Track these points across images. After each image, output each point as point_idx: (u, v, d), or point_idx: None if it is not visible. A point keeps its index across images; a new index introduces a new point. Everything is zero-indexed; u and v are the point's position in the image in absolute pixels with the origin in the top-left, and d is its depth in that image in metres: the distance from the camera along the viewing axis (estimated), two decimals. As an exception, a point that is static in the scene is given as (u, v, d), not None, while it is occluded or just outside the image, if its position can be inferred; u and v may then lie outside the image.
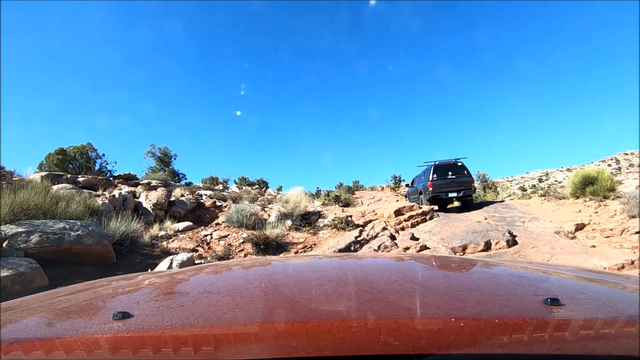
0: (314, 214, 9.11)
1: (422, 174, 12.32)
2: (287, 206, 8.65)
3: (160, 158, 17.47)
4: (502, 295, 0.70)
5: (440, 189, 10.81)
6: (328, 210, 11.14)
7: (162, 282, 0.99)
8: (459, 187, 10.81)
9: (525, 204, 11.11)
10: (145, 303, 0.75)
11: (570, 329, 0.50)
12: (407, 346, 0.48)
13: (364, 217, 10.76)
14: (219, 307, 0.64)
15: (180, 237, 7.20)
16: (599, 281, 0.91)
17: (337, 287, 0.80)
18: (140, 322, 0.56)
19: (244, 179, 27.85)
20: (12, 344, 0.51)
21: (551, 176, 71.85)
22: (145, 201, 8.22)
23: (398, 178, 29.55)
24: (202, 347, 0.49)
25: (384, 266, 1.15)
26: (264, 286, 0.85)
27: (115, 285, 0.99)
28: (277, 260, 1.39)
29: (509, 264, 1.14)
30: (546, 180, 67.59)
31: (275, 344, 0.50)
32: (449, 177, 10.86)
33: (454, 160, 11.35)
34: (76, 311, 0.72)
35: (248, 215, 8.36)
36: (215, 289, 0.84)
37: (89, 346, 0.50)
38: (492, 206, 12.60)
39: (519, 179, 74.13)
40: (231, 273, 1.11)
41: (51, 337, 0.53)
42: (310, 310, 0.62)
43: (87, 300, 0.82)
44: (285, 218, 8.57)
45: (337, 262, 1.22)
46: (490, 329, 0.51)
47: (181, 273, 1.11)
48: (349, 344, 0.49)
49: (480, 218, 10.22)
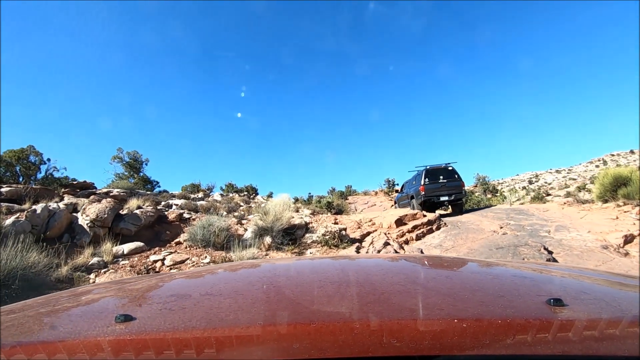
0: (300, 228, 7.47)
1: (413, 179, 12.36)
2: (266, 219, 6.98)
3: (130, 164, 15.54)
4: (504, 295, 0.70)
5: (433, 193, 10.86)
6: (318, 220, 9.53)
7: (164, 285, 1.00)
8: (450, 191, 10.88)
9: (542, 209, 9.73)
10: (148, 305, 0.75)
11: (574, 329, 0.50)
12: (410, 348, 0.48)
13: (360, 228, 9.18)
14: (221, 309, 0.65)
15: (121, 264, 5.44)
16: (602, 281, 0.90)
17: (339, 288, 0.80)
18: (143, 324, 0.57)
19: (231, 185, 26.11)
20: (15, 347, 0.51)
21: (541, 178, 72.20)
22: (81, 217, 6.42)
23: (392, 182, 28.21)
24: (205, 349, 0.49)
25: (385, 267, 1.15)
26: (266, 288, 0.84)
27: (117, 288, 1.00)
28: (279, 262, 1.42)
29: (511, 264, 1.14)
30: (536, 182, 67.79)
31: (277, 346, 0.50)
32: (440, 181, 10.95)
33: (445, 164, 11.40)
34: (78, 314, 0.73)
35: (217, 231, 6.66)
36: (217, 291, 0.84)
37: (92, 349, 0.50)
38: (502, 211, 11.23)
39: (509, 181, 74.23)
40: (233, 275, 1.11)
41: (54, 340, 0.54)
42: (312, 312, 0.62)
43: (89, 303, 0.84)
44: (264, 234, 6.91)
45: (339, 264, 1.22)
46: (493, 330, 0.50)
47: (183, 275, 1.15)
48: (352, 346, 0.49)
49: (494, 226, 8.79)
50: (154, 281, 1.06)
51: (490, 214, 11.06)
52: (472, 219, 10.36)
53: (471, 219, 10.58)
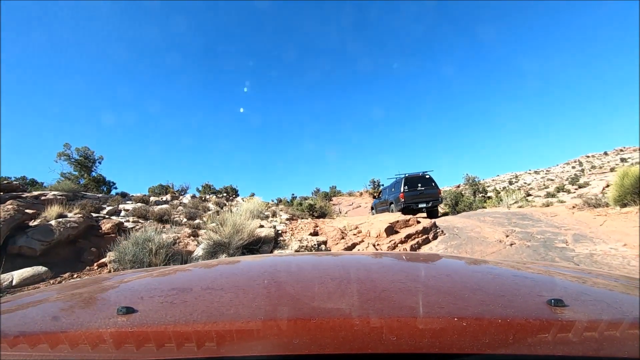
0: (267, 242, 5.92)
1: (392, 186, 12.79)
2: (222, 231, 5.39)
3: (79, 162, 13.40)
4: (505, 295, 0.70)
5: (412, 200, 11.41)
6: (295, 229, 8.01)
7: (166, 278, 0.99)
8: (428, 198, 11.44)
9: (549, 213, 8.63)
10: (149, 298, 0.74)
11: (574, 330, 0.50)
12: (409, 345, 0.48)
13: (345, 238, 7.73)
14: (222, 304, 0.64)
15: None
16: (603, 282, 0.90)
17: (340, 285, 0.80)
18: (144, 317, 0.57)
19: (208, 186, 24.22)
20: (18, 338, 0.52)
21: (520, 179, 73.71)
22: (-44, 232, 4.61)
23: (377, 183, 27.06)
24: (205, 343, 0.49)
25: (387, 265, 1.14)
26: (267, 283, 0.84)
27: (119, 280, 1.00)
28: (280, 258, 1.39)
29: (512, 264, 1.13)
30: (516, 183, 69.05)
31: (278, 341, 0.50)
32: (418, 189, 11.49)
33: (422, 173, 11.99)
34: (81, 306, 0.73)
35: (154, 248, 5.01)
36: (218, 285, 0.84)
37: (93, 340, 0.50)
38: (501, 215, 10.11)
39: (489, 181, 75.30)
40: (235, 270, 1.11)
41: (56, 331, 0.54)
42: (312, 308, 0.61)
43: (92, 295, 0.83)
44: (218, 250, 5.31)
45: (339, 260, 1.22)
46: (493, 329, 0.50)
47: (185, 269, 1.13)
48: (351, 342, 0.49)
49: (498, 235, 7.58)
50: (155, 274, 1.06)
51: (488, 219, 9.91)
52: (469, 225, 9.16)
53: (468, 224, 9.39)
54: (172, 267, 1.24)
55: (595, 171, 57.90)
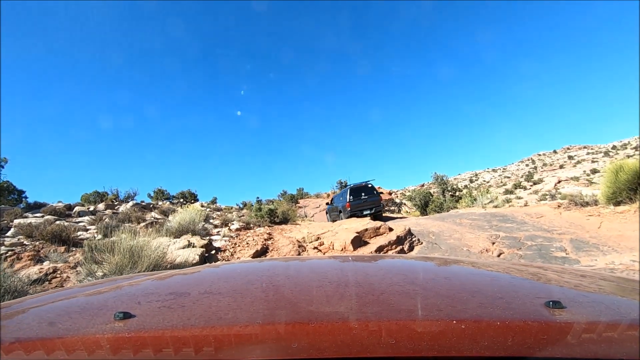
0: (187, 270, 4.19)
1: (341, 195, 13.88)
2: (111, 260, 3.59)
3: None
4: (503, 297, 0.69)
5: (357, 208, 12.37)
6: (239, 244, 6.30)
7: (163, 283, 0.98)
8: (371, 206, 12.49)
9: (533, 214, 7.73)
10: (147, 303, 0.74)
11: (572, 332, 0.50)
12: (408, 348, 0.48)
13: (302, 254, 6.19)
14: (220, 308, 0.64)
15: None
16: (601, 284, 0.89)
17: (338, 288, 0.80)
18: (142, 322, 0.56)
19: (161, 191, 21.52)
20: (14, 344, 0.51)
21: (480, 177, 77.21)
22: None
23: (344, 184, 25.83)
24: (203, 347, 0.49)
25: (385, 268, 1.14)
26: (265, 287, 0.83)
27: (116, 286, 0.99)
28: (278, 261, 1.40)
29: (510, 267, 1.13)
30: (476, 181, 72.20)
31: (276, 345, 0.50)
32: (362, 198, 12.55)
33: (365, 182, 13.19)
34: (77, 311, 0.72)
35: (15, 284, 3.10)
36: (216, 289, 0.83)
37: (90, 346, 0.50)
38: (479, 217, 9.13)
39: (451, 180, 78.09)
40: (232, 274, 1.10)
41: (52, 337, 0.54)
42: (311, 312, 0.61)
43: (89, 301, 0.82)
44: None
45: (338, 264, 1.22)
46: (491, 332, 0.50)
47: (182, 273, 1.13)
48: (350, 346, 0.49)
49: (482, 242, 6.44)
50: (153, 279, 1.05)
51: (465, 221, 8.88)
52: (445, 229, 8.02)
53: (444, 228, 8.26)
54: (170, 272, 1.24)
55: (546, 168, 62.02)
